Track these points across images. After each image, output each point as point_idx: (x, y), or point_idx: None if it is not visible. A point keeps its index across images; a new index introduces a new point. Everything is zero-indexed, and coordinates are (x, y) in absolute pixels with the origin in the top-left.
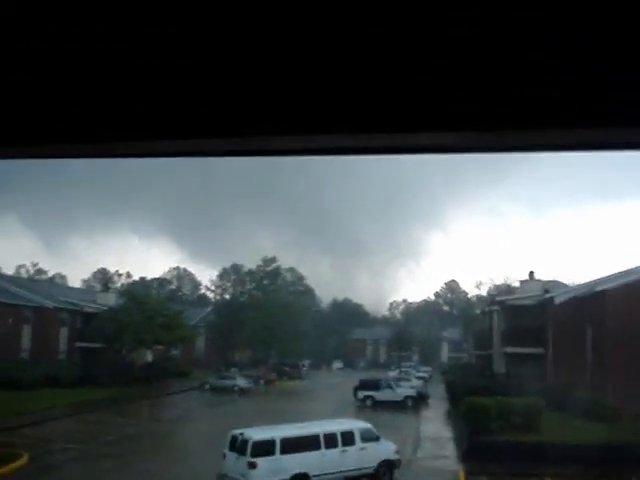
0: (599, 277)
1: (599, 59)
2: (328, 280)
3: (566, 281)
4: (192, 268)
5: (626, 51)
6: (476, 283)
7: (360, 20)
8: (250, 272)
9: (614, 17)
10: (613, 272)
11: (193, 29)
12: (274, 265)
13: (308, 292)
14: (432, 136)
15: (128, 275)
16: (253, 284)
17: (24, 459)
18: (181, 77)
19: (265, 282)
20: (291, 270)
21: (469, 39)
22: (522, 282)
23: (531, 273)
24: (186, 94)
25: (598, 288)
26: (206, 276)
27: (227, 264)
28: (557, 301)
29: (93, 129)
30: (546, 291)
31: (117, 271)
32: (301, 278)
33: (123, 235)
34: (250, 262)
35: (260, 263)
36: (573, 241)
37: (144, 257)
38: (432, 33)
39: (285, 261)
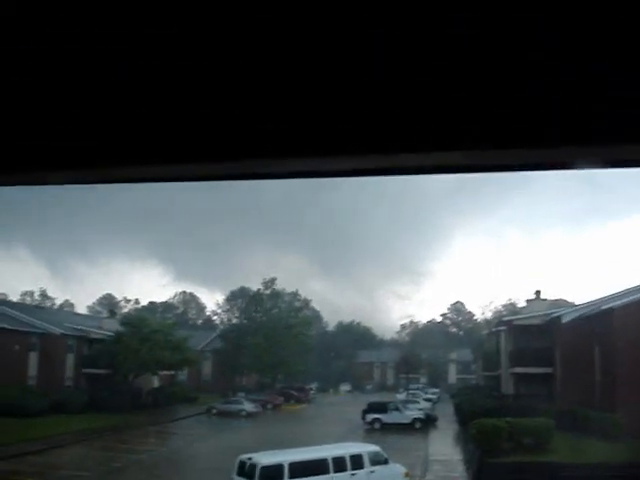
0: (606, 295)
1: (599, 60)
2: (335, 303)
3: (573, 300)
4: (198, 292)
5: (626, 50)
6: (482, 309)
7: (360, 30)
8: (253, 295)
9: (614, 17)
10: (620, 290)
11: (190, 43)
12: (274, 287)
13: (314, 315)
14: (435, 156)
15: (136, 301)
16: (257, 307)
17: None
18: (178, 100)
19: (268, 305)
20: (294, 294)
21: (469, 39)
22: (528, 302)
23: (537, 292)
24: (183, 117)
25: (605, 306)
26: (212, 300)
27: (234, 287)
28: (564, 320)
29: (91, 154)
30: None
31: (125, 297)
32: (306, 301)
33: (130, 261)
34: (257, 286)
35: (260, 286)
36: (579, 260)
37: (150, 282)
38: (432, 35)
39: (291, 284)
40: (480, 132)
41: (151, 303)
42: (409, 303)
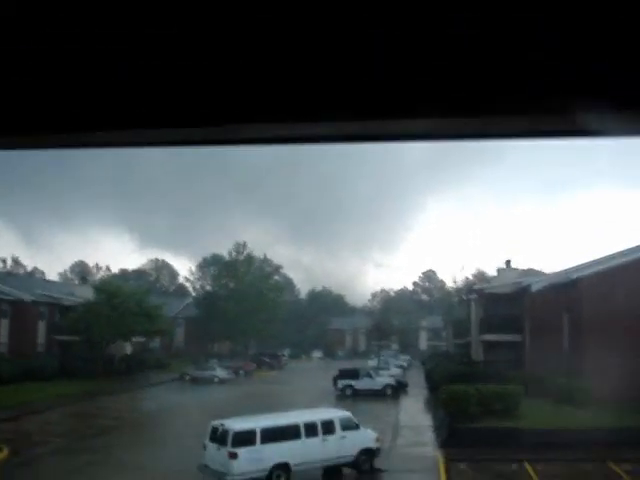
0: (574, 265)
1: (597, 54)
2: (307, 271)
3: (542, 269)
4: (171, 259)
5: (626, 50)
6: (452, 277)
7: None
8: (226, 262)
9: (614, 17)
10: (588, 260)
11: (191, 22)
12: (246, 253)
13: (287, 282)
14: (414, 123)
15: (107, 268)
16: (229, 273)
17: (4, 453)
18: (173, 64)
19: (241, 271)
20: (267, 260)
21: (469, 39)
22: (499, 271)
23: (508, 262)
24: (163, 81)
25: (574, 276)
26: (185, 267)
27: (206, 254)
28: (534, 289)
29: (79, 118)
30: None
31: (97, 264)
32: (278, 268)
33: (101, 227)
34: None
35: (232, 251)
36: (549, 230)
37: (121, 249)
38: (432, 33)
39: (265, 252)
40: (461, 100)
41: (122, 270)
42: (381, 271)
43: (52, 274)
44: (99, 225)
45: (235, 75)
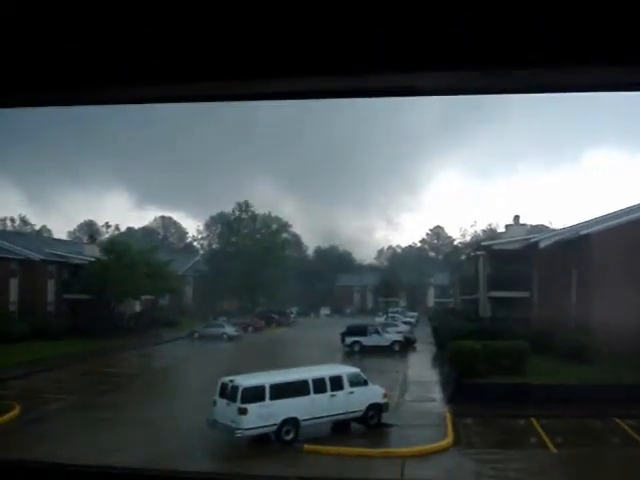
0: (583, 221)
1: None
2: (315, 228)
3: (551, 225)
4: (179, 218)
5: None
6: (461, 231)
7: None
8: (230, 220)
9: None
10: (596, 216)
11: None
12: (250, 211)
13: (294, 240)
14: (430, 76)
15: (116, 227)
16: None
17: (16, 410)
18: (176, 21)
19: (244, 229)
20: (273, 218)
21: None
22: (507, 226)
23: (516, 217)
24: (178, 39)
25: (582, 232)
26: (193, 225)
27: (214, 212)
28: (542, 245)
29: (90, 74)
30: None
31: (106, 223)
32: (286, 225)
33: (108, 185)
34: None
35: (235, 209)
36: (557, 187)
37: (129, 207)
38: None
39: (274, 209)
40: (467, 53)
41: (129, 229)
42: (389, 228)
43: (61, 233)
44: (107, 183)
45: (251, 29)
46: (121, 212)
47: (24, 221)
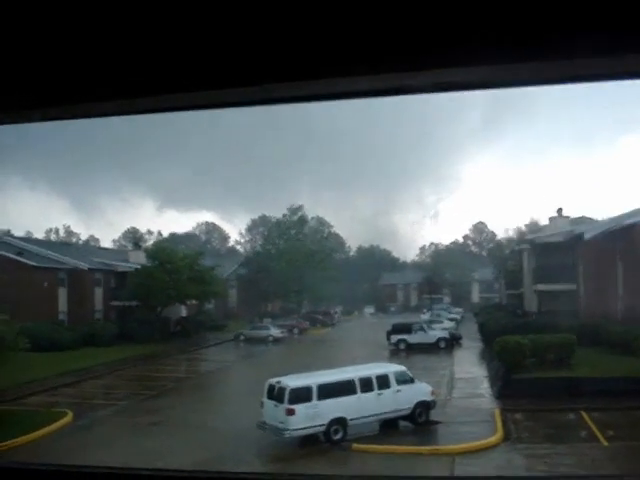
0: (627, 212)
1: None
2: (357, 228)
3: (595, 216)
4: (221, 221)
5: None
6: (504, 228)
7: None
8: (277, 222)
9: None
10: None
11: None
12: (300, 214)
13: (337, 240)
14: (448, 72)
15: (159, 233)
16: (281, 233)
17: (69, 417)
18: (183, 30)
19: (292, 232)
20: (321, 219)
21: None
22: (551, 219)
23: (559, 210)
24: (188, 47)
25: (627, 222)
26: (235, 229)
27: (255, 216)
28: (587, 237)
29: (86, 87)
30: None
31: (148, 230)
32: (329, 226)
33: (150, 192)
34: (279, 213)
35: (286, 212)
36: (600, 177)
37: (173, 214)
38: None
39: (313, 210)
40: (489, 48)
41: (172, 234)
42: (431, 225)
43: (107, 242)
44: (148, 189)
45: (248, 36)
46: (164, 219)
47: (69, 231)
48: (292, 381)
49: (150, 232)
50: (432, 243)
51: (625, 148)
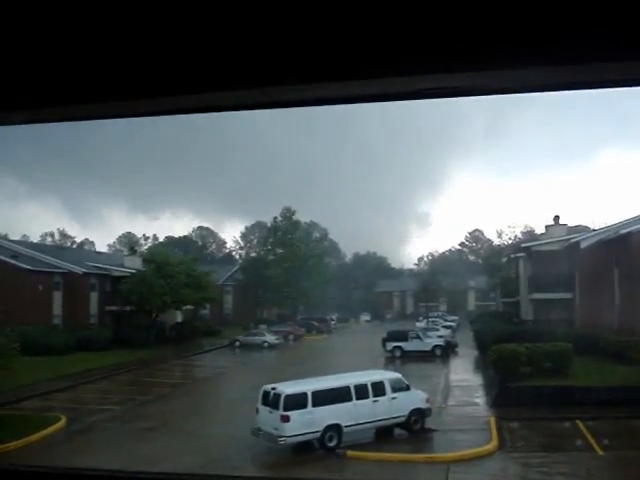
0: (623, 220)
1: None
2: (352, 234)
3: (591, 225)
4: (216, 227)
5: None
6: (497, 232)
7: None
8: (271, 227)
9: None
10: (636, 215)
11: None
12: (293, 218)
13: (332, 246)
14: (436, 78)
15: (154, 238)
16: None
17: (62, 422)
18: (181, 34)
19: (287, 236)
20: (314, 225)
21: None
22: (547, 227)
23: (556, 218)
24: (187, 50)
25: (623, 230)
26: (230, 235)
27: (250, 222)
28: (583, 245)
29: (99, 89)
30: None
31: (144, 234)
32: (324, 232)
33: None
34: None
35: (278, 216)
36: (597, 186)
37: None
38: None
39: (309, 216)
40: (483, 53)
41: (168, 237)
42: (427, 233)
43: (102, 246)
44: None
45: (251, 38)
46: (159, 223)
47: (63, 234)
48: (287, 387)
49: (146, 237)
50: (429, 252)
51: (625, 159)
